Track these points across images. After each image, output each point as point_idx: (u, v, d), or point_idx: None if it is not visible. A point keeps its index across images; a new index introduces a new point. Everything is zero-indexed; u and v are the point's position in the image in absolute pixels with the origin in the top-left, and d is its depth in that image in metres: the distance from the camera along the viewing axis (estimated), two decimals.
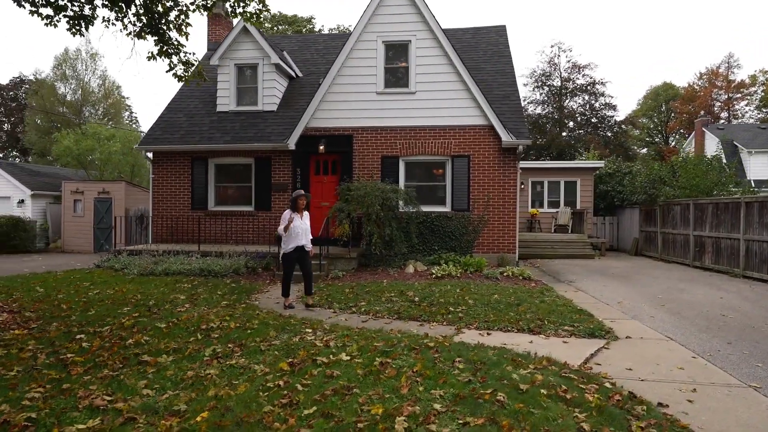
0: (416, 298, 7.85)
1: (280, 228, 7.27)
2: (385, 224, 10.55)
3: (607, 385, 4.20)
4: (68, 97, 34.24)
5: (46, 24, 9.04)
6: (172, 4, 9.28)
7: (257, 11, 9.53)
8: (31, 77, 38.43)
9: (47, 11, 8.81)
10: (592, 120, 42.79)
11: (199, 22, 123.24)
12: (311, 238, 7.66)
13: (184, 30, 9.40)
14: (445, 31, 16.04)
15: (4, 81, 49.62)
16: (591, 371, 4.70)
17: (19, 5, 8.54)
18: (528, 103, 43.57)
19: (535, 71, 43.45)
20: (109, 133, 23.11)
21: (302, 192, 7.51)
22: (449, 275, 9.97)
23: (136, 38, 9.32)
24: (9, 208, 19.21)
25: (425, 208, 12.18)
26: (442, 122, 12.14)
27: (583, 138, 42.05)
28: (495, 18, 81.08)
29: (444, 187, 12.34)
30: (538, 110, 43.89)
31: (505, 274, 10.25)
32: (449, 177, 12.24)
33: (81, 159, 21.46)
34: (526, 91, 47.35)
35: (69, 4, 8.92)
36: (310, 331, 5.50)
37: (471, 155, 12.08)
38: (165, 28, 9.44)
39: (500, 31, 15.85)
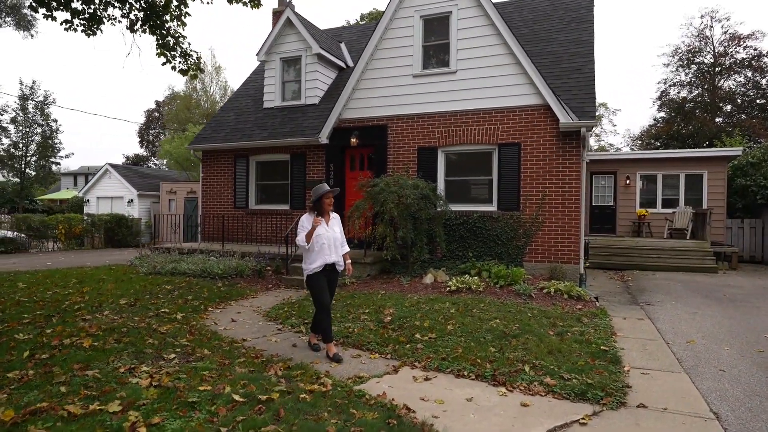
0: (388, 319, 6.30)
1: (300, 238, 4.98)
2: (399, 225, 9.04)
3: None
4: (199, 107, 38.02)
5: (66, 29, 9.27)
6: None
7: None
8: (180, 91, 43.68)
9: (65, 15, 9.08)
10: (758, 101, 34.81)
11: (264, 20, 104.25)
12: (348, 249, 5.41)
13: (183, 20, 9.08)
14: (519, 0, 13.84)
15: (161, 98, 57.62)
16: None
17: (35, 10, 8.88)
18: (670, 85, 37.24)
19: (678, 48, 36.64)
20: None
21: (327, 188, 5.06)
22: (468, 289, 8.10)
23: (141, 33, 9.20)
24: (122, 206, 21.55)
25: (467, 207, 10.34)
26: (486, 104, 10.16)
27: (744, 123, 34.34)
28: None
29: (489, 183, 10.32)
30: (683, 93, 37.11)
31: (545, 290, 8.03)
32: (495, 170, 10.20)
33: (180, 161, 23.38)
34: (667, 72, 40.56)
35: (86, 7, 9.06)
36: (172, 357, 4.44)
37: (521, 143, 9.90)
38: (166, 19, 9.18)
39: None
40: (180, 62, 9.03)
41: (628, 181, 15.98)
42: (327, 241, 5.02)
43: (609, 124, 47.19)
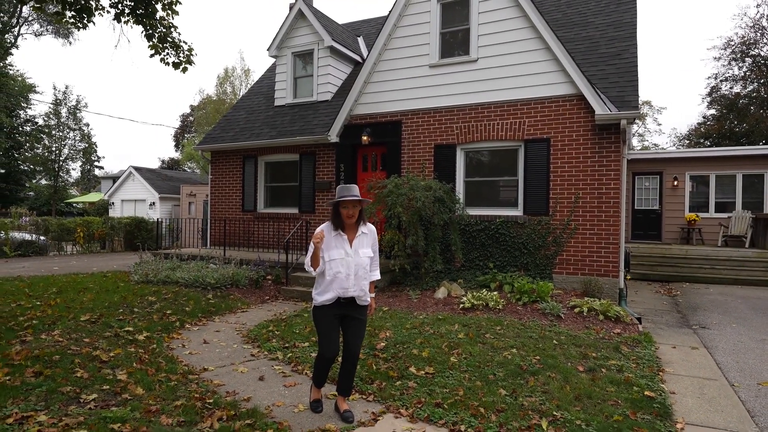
0: (382, 345, 5.30)
1: (307, 260, 3.58)
2: (409, 232, 8.03)
3: None
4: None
5: (57, 21, 8.82)
6: None
7: None
8: (212, 95, 43.99)
9: (55, 8, 8.64)
10: None
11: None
12: (378, 277, 3.85)
13: (174, 8, 8.42)
14: None
15: (196, 102, 58.44)
16: None
17: (23, 3, 8.44)
18: (721, 80, 34.65)
19: (731, 40, 34.05)
20: None
21: (352, 192, 3.54)
22: (485, 306, 6.99)
23: (132, 24, 8.59)
24: (145, 209, 21.39)
25: (489, 212, 9.23)
26: (511, 95, 9.03)
27: None
28: None
29: (515, 183, 9.16)
30: (737, 88, 34.46)
31: (577, 309, 6.83)
32: (521, 169, 9.03)
33: (202, 163, 23.11)
34: (718, 66, 37.90)
35: None
36: (91, 399, 3.60)
37: (551, 138, 8.71)
38: (157, 8, 8.54)
39: None
40: (170, 54, 8.37)
41: (675, 183, 14.39)
42: (345, 269, 3.50)
43: (653, 123, 44.63)
